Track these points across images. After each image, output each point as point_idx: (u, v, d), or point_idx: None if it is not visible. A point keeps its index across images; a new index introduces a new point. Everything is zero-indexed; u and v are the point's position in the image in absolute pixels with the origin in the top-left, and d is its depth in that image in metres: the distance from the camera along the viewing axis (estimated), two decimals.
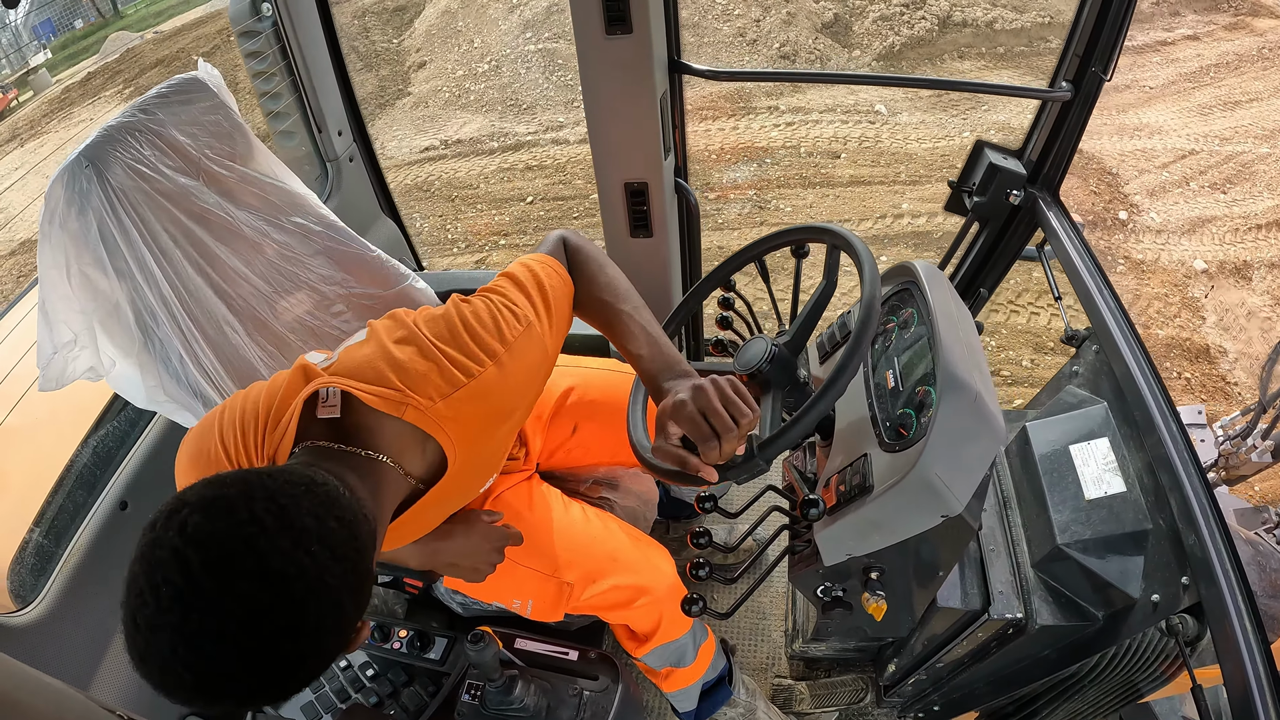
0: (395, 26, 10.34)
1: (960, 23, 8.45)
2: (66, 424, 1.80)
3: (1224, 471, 3.02)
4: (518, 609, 1.57)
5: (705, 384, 1.12)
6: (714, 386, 1.12)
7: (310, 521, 0.79)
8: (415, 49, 9.69)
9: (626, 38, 1.75)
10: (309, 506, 0.81)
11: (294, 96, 2.17)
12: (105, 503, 1.62)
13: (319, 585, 0.77)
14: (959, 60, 8.25)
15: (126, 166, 1.35)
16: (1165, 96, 7.48)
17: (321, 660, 0.80)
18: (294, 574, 0.76)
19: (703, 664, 1.69)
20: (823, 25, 8.54)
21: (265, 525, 0.76)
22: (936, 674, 1.64)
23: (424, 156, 7.84)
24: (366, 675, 1.76)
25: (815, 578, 1.28)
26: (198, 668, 0.75)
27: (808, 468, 1.44)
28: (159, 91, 1.47)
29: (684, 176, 2.15)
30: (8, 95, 13.75)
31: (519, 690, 1.50)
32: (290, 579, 0.76)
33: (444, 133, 8.16)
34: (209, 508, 0.77)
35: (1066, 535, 1.34)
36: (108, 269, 1.35)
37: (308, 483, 0.84)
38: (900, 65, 8.22)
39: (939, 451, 1.07)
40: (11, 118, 13.17)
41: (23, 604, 1.46)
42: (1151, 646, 1.28)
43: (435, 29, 9.79)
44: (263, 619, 0.74)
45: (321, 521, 0.80)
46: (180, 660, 0.74)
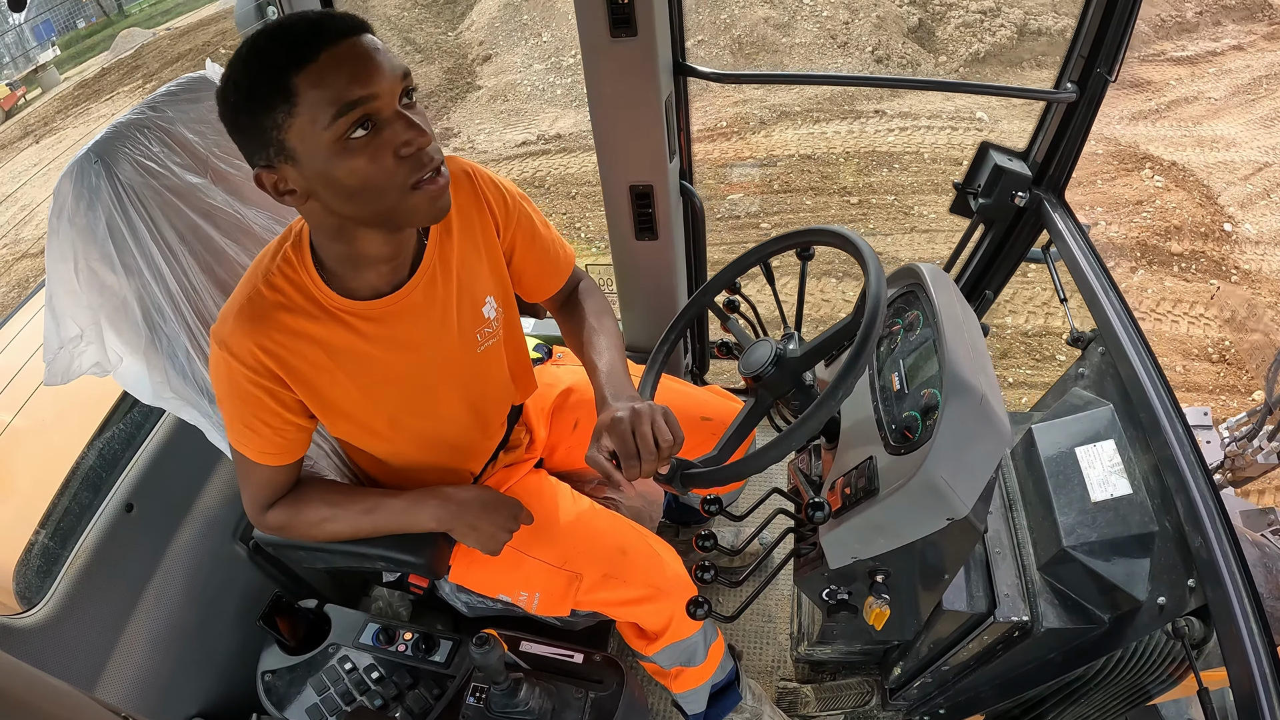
0: (448, 19, 10.38)
1: (1035, 31, 8.57)
2: (73, 426, 1.81)
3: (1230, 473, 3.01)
4: (524, 603, 1.57)
5: (642, 409, 1.23)
6: (648, 411, 1.22)
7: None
8: (478, 42, 9.71)
9: (631, 40, 1.75)
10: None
11: None
12: (111, 505, 1.63)
13: None
14: (1037, 69, 8.36)
15: (135, 163, 1.35)
16: (1230, 109, 7.55)
17: None
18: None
19: (712, 664, 1.69)
20: (908, 30, 8.61)
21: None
22: (942, 677, 1.64)
23: (522, 151, 7.82)
24: (371, 678, 1.76)
25: (820, 581, 1.28)
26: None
27: (813, 470, 1.44)
28: (168, 89, 1.47)
29: (689, 179, 2.16)
30: (16, 93, 13.83)
31: (524, 693, 1.50)
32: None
33: (536, 127, 8.16)
34: None
35: (1072, 538, 1.33)
36: (115, 265, 1.35)
37: None
38: (984, 72, 8.30)
39: (944, 454, 1.06)
40: (22, 114, 13.26)
41: (28, 605, 1.47)
42: (1158, 649, 1.27)
43: (498, 22, 9.83)
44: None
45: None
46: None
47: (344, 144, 1.05)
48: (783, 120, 7.64)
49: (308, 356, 1.26)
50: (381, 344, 1.31)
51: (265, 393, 1.25)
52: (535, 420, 1.74)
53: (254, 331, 1.21)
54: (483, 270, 1.42)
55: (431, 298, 1.33)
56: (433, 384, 1.40)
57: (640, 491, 1.79)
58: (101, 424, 1.80)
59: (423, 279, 1.31)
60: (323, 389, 1.30)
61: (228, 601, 1.87)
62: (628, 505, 1.74)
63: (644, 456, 1.19)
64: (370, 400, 1.35)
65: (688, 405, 1.76)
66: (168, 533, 1.74)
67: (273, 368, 1.24)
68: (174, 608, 1.72)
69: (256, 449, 1.32)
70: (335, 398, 1.32)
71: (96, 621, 1.56)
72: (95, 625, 1.56)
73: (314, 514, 1.40)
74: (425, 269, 1.31)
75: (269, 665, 1.81)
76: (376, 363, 1.32)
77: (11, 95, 13.69)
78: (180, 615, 1.73)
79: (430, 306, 1.33)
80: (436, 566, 1.48)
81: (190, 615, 1.76)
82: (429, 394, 1.41)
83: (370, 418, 1.38)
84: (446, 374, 1.41)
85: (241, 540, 1.89)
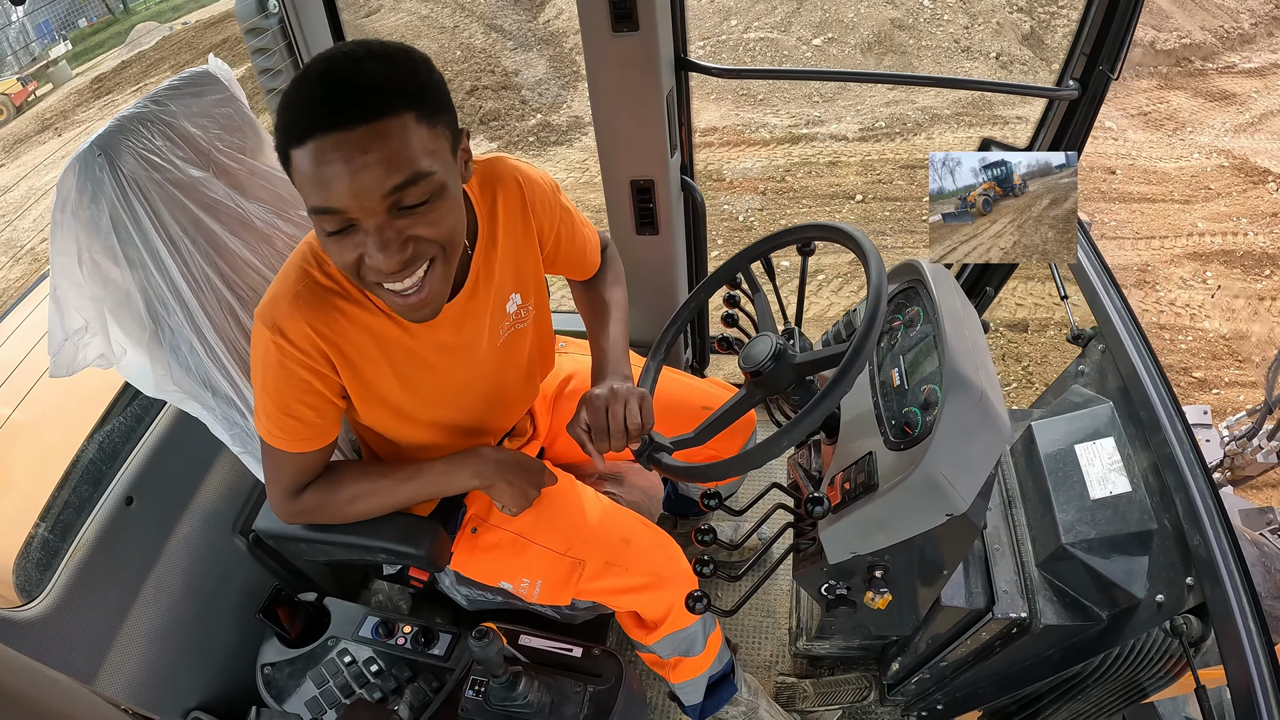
0: (526, 8, 10.39)
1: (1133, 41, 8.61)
2: (73, 419, 1.81)
3: (1229, 472, 3.02)
4: (524, 591, 1.57)
5: (620, 389, 1.36)
6: (624, 394, 1.35)
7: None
8: (574, 30, 9.62)
9: (633, 35, 1.75)
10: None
11: None
12: (111, 498, 1.63)
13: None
14: (1139, 79, 8.45)
15: (138, 156, 1.35)
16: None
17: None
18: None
19: (710, 654, 1.69)
20: (1022, 37, 8.71)
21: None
22: (940, 673, 1.64)
23: (699, 140, 7.74)
24: (370, 671, 1.76)
25: (819, 575, 1.28)
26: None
27: (813, 465, 1.44)
28: (171, 84, 1.47)
29: (690, 174, 2.16)
30: (27, 88, 13.83)
31: (523, 686, 1.50)
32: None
33: (703, 116, 8.14)
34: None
35: (1071, 535, 1.33)
36: (119, 257, 1.36)
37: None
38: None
39: (944, 450, 1.06)
40: (38, 108, 13.28)
41: (28, 599, 1.47)
42: (1156, 647, 1.27)
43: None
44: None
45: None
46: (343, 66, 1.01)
47: (321, 229, 1.07)
48: (937, 123, 7.71)
49: (359, 344, 1.28)
50: (427, 344, 1.34)
51: (314, 375, 1.27)
52: (538, 409, 1.75)
53: (310, 315, 1.23)
54: (519, 271, 1.45)
55: (473, 305, 1.36)
56: (467, 378, 1.44)
57: (640, 485, 1.80)
58: (101, 417, 1.80)
59: (468, 291, 1.34)
60: (368, 377, 1.32)
61: (227, 594, 1.88)
62: (627, 499, 1.74)
63: (613, 433, 1.33)
64: (408, 391, 1.37)
65: (689, 395, 1.77)
66: (167, 526, 1.75)
67: (326, 350, 1.25)
68: (174, 601, 1.72)
69: (295, 437, 1.32)
70: (378, 386, 1.34)
71: (96, 615, 1.57)
72: (95, 618, 1.56)
73: (350, 490, 1.41)
74: (471, 281, 1.34)
75: (268, 658, 1.81)
76: (420, 360, 1.35)
77: (23, 90, 13.71)
78: (180, 608, 1.74)
79: (471, 313, 1.36)
80: (437, 558, 1.49)
81: (190, 608, 1.76)
82: (462, 386, 1.44)
83: (405, 406, 1.40)
84: (477, 369, 1.44)
85: (241, 533, 1.90)
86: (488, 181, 1.37)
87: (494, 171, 1.39)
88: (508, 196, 1.38)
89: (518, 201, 1.40)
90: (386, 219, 1.05)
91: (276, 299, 1.24)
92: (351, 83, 0.99)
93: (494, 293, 1.39)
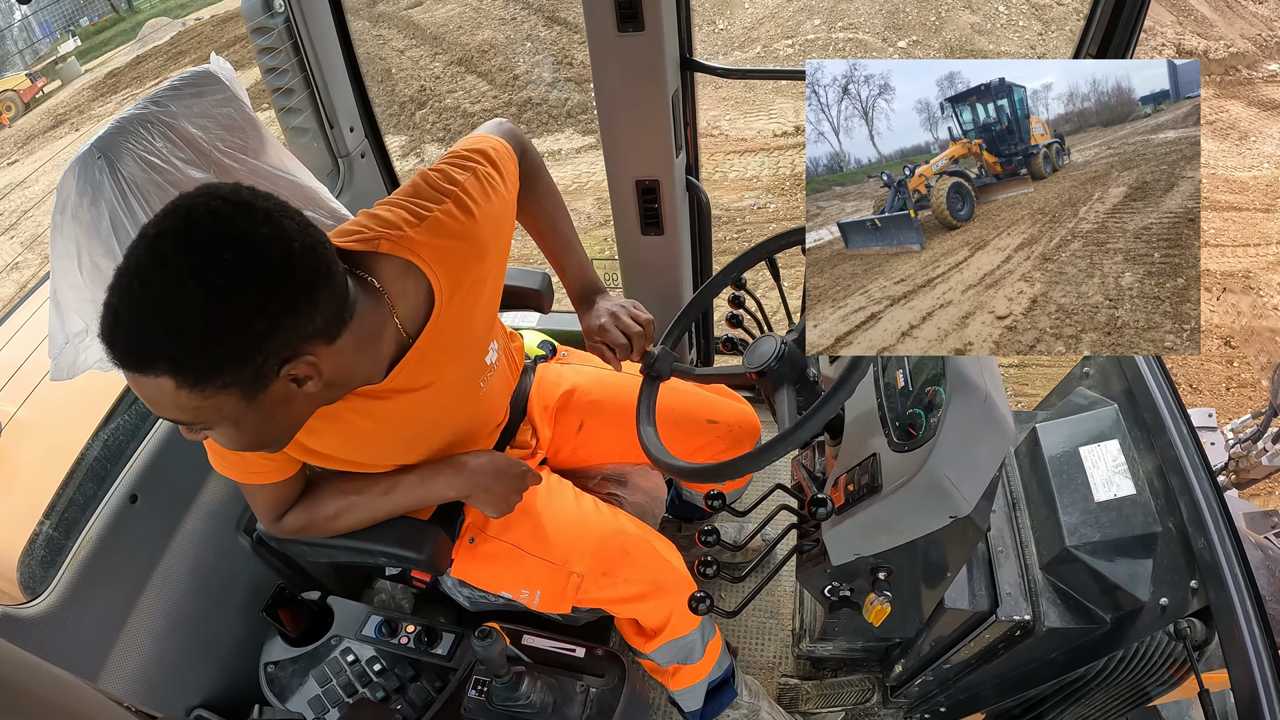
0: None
1: (1189, 50, 8.82)
2: (77, 417, 1.81)
3: (1234, 475, 3.00)
4: (525, 600, 1.57)
5: (616, 309, 1.52)
6: (623, 311, 1.52)
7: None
8: None
9: (638, 35, 1.75)
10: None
11: (306, 92, 2.18)
12: (115, 496, 1.63)
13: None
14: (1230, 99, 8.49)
15: (138, 158, 1.35)
16: None
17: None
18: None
19: (709, 661, 1.69)
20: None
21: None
22: (943, 675, 1.64)
23: (788, 142, 7.71)
24: (373, 670, 1.77)
25: (823, 577, 1.28)
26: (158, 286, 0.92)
27: (816, 467, 1.44)
28: (171, 84, 1.47)
29: (695, 174, 2.15)
30: (36, 84, 13.94)
31: (525, 686, 1.50)
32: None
33: (782, 117, 8.12)
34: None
35: (1075, 537, 1.33)
36: (119, 259, 1.35)
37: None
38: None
39: (948, 452, 1.06)
40: (49, 104, 13.37)
41: (32, 595, 1.47)
42: (1159, 650, 1.27)
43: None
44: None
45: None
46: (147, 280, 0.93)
47: None
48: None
49: None
50: (370, 416, 1.30)
51: None
52: (539, 420, 1.74)
53: None
54: (482, 316, 1.39)
55: (428, 364, 1.30)
56: (427, 430, 1.41)
57: (643, 487, 1.79)
58: (106, 416, 1.80)
59: (404, 369, 1.28)
60: (307, 444, 1.30)
61: (231, 593, 1.88)
62: (631, 502, 1.74)
63: (634, 342, 1.50)
64: (359, 452, 1.37)
65: (695, 408, 1.77)
66: (171, 524, 1.75)
67: None
68: (177, 599, 1.73)
69: (253, 474, 1.32)
70: (320, 448, 1.32)
71: (100, 612, 1.57)
72: (99, 616, 1.56)
73: (330, 508, 1.40)
74: (406, 362, 1.27)
75: (271, 656, 1.82)
76: (364, 429, 1.32)
77: (32, 87, 13.80)
78: (183, 606, 1.74)
79: (430, 372, 1.31)
80: (438, 562, 1.49)
81: (193, 606, 1.76)
82: (422, 437, 1.42)
83: (360, 461, 1.40)
84: (444, 418, 1.42)
85: (245, 532, 1.90)
86: (395, 277, 1.23)
87: (399, 269, 1.23)
88: (442, 263, 1.26)
89: (450, 267, 1.27)
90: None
91: None
92: (122, 323, 0.94)
93: (457, 350, 1.35)
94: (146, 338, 0.93)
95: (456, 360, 1.36)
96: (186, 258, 0.92)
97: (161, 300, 0.93)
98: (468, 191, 1.31)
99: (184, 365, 0.95)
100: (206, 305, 0.93)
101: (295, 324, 1.01)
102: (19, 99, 13.41)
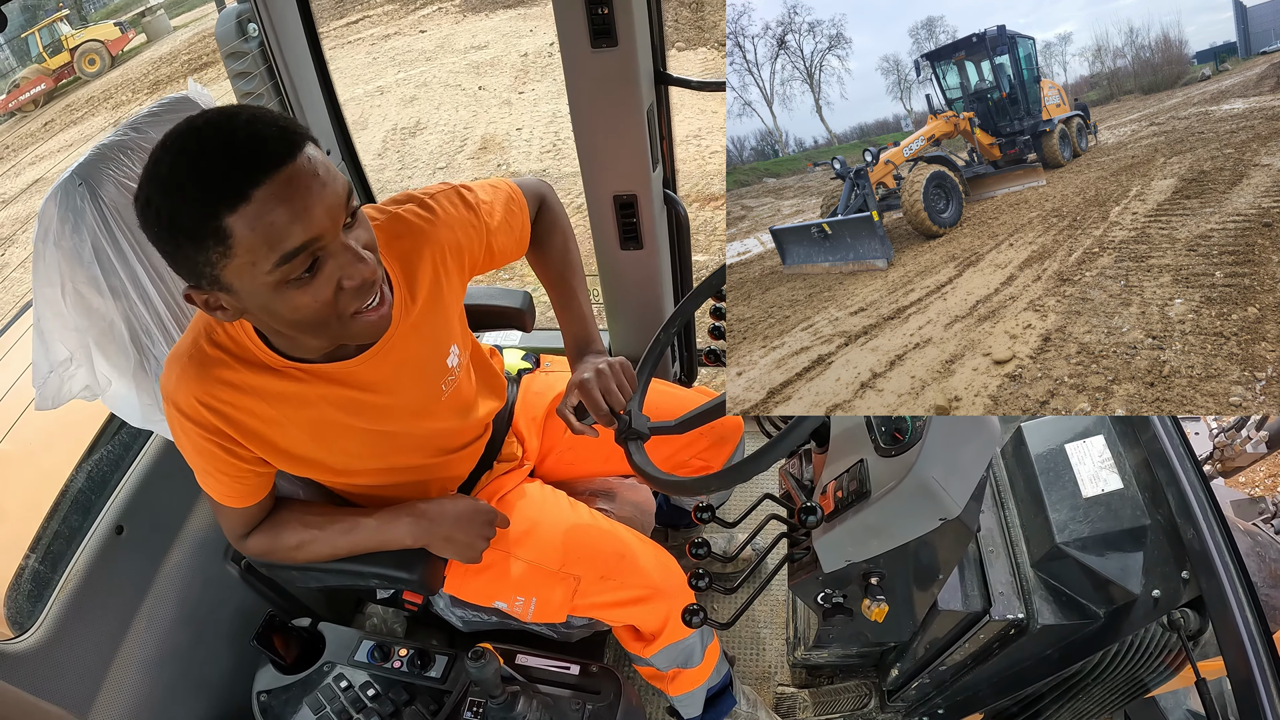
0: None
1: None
2: (61, 448, 1.80)
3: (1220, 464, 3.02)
4: (519, 610, 1.56)
5: (604, 368, 1.41)
6: (610, 370, 1.41)
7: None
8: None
9: (612, 51, 1.76)
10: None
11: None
12: (101, 527, 1.61)
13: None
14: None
15: (119, 184, 1.35)
16: None
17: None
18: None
19: (709, 666, 1.69)
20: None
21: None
22: (939, 677, 1.64)
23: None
24: (367, 695, 1.75)
25: (815, 585, 1.28)
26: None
27: (804, 475, 1.44)
28: (150, 110, 1.47)
29: (673, 188, 2.16)
30: (126, 35, 12.97)
31: (521, 706, 1.49)
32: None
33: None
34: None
35: (1065, 534, 1.33)
36: (102, 287, 1.35)
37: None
38: None
39: (935, 454, 1.07)
40: (137, 59, 12.45)
41: (20, 630, 1.45)
42: (1154, 642, 1.27)
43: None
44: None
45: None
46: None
47: (286, 284, 1.03)
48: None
49: (254, 411, 1.25)
50: (335, 403, 1.30)
51: (216, 446, 1.25)
52: (526, 430, 1.75)
53: (197, 389, 1.20)
54: (448, 320, 1.41)
55: (389, 361, 1.32)
56: (395, 432, 1.40)
57: (632, 501, 1.79)
58: (90, 446, 1.78)
59: (379, 351, 1.30)
60: (275, 440, 1.29)
61: (221, 622, 1.86)
62: (619, 515, 1.74)
63: (606, 411, 1.39)
64: (327, 449, 1.36)
65: (676, 408, 1.77)
66: (159, 554, 1.73)
67: (218, 424, 1.23)
68: (167, 629, 1.71)
69: (220, 493, 1.32)
70: (290, 448, 1.32)
71: (89, 645, 1.55)
72: (88, 649, 1.55)
73: (292, 538, 1.40)
74: (383, 342, 1.30)
75: (264, 685, 1.80)
76: (329, 419, 1.31)
77: (121, 38, 12.77)
78: (173, 637, 1.72)
79: (389, 370, 1.33)
80: (431, 582, 1.48)
81: (184, 636, 1.74)
82: (390, 440, 1.41)
83: (331, 463, 1.39)
84: (409, 423, 1.42)
85: (233, 560, 1.88)
86: (394, 239, 1.33)
87: (396, 230, 1.34)
88: (419, 254, 1.34)
89: (430, 257, 1.35)
90: (345, 229, 1.05)
91: (169, 369, 1.23)
92: (266, 129, 0.98)
93: (421, 346, 1.37)
94: (278, 116, 1.02)
95: (419, 353, 1.37)
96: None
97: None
98: (434, 197, 1.40)
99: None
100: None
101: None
102: (105, 50, 12.37)
